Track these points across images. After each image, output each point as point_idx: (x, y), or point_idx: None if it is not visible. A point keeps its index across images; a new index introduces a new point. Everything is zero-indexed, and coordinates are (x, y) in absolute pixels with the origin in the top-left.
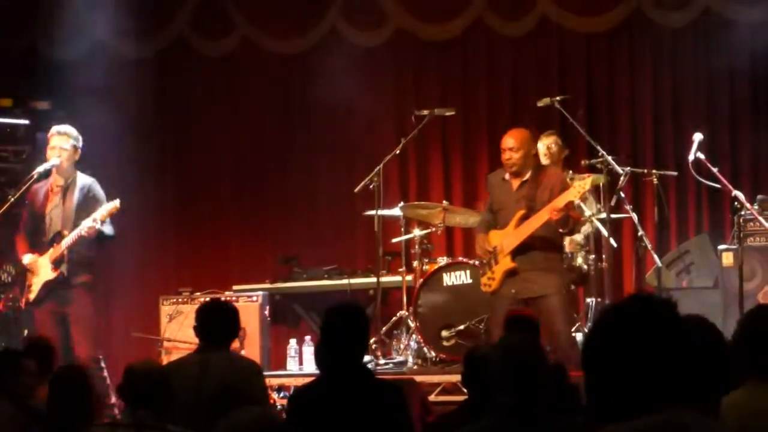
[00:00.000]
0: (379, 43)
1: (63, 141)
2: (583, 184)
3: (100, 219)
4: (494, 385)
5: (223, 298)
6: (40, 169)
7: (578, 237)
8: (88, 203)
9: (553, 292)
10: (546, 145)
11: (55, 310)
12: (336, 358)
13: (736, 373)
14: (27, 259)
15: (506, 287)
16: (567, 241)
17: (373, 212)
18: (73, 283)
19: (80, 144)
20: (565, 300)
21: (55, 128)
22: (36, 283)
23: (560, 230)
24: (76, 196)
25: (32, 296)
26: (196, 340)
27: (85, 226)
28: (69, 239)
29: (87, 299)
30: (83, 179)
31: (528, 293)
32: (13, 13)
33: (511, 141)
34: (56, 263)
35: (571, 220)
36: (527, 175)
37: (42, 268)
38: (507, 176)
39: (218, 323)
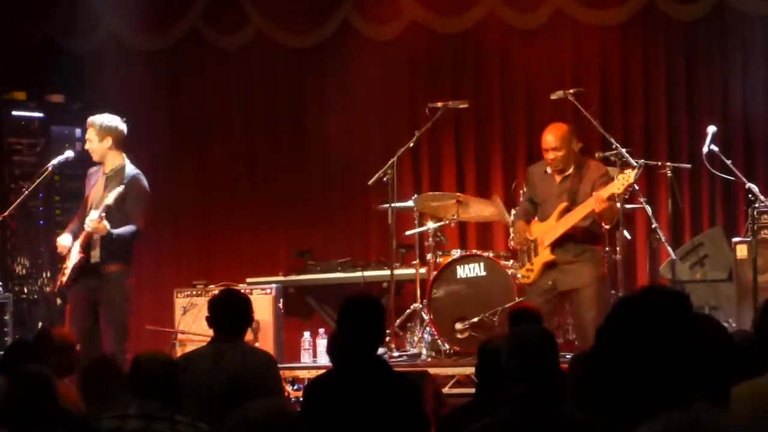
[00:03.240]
0: (393, 36)
1: (88, 132)
2: (627, 176)
3: (111, 203)
4: (506, 377)
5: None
6: (55, 161)
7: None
8: (129, 194)
9: (588, 284)
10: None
11: (86, 297)
12: (352, 351)
13: (760, 360)
14: (62, 240)
15: (544, 279)
16: None
17: (386, 206)
18: (105, 272)
19: (109, 129)
20: (600, 293)
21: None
22: (67, 267)
23: (605, 224)
24: (118, 186)
25: (65, 279)
26: (211, 333)
27: (89, 219)
28: (87, 226)
29: (117, 289)
30: (128, 170)
31: (564, 285)
32: (28, 7)
33: (553, 141)
34: (84, 247)
35: (615, 213)
36: (570, 169)
37: (73, 252)
38: (549, 169)
39: (230, 313)
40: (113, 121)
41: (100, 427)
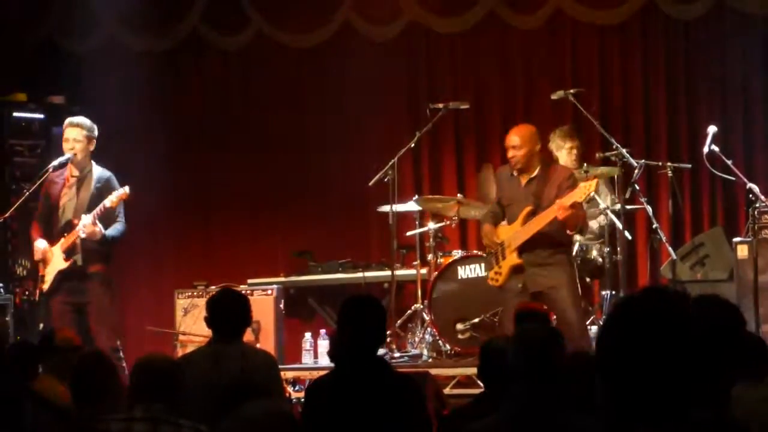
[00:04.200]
0: (393, 36)
1: (76, 132)
2: (588, 185)
3: (109, 206)
4: (510, 375)
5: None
6: (55, 163)
7: (594, 225)
8: (103, 197)
9: (561, 284)
10: (575, 147)
11: (70, 301)
12: (352, 351)
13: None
14: (40, 245)
15: (513, 282)
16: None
17: (387, 207)
18: (88, 274)
19: (95, 134)
20: (575, 292)
21: (68, 120)
22: (49, 273)
23: (569, 230)
24: (91, 188)
25: (46, 287)
26: (211, 334)
27: (82, 225)
28: (79, 231)
29: (102, 289)
30: (99, 172)
31: (536, 287)
32: (28, 8)
33: (515, 139)
34: (68, 253)
35: (580, 220)
36: (535, 172)
37: (55, 258)
38: (515, 172)
39: (229, 313)
40: (94, 124)
41: (106, 430)
